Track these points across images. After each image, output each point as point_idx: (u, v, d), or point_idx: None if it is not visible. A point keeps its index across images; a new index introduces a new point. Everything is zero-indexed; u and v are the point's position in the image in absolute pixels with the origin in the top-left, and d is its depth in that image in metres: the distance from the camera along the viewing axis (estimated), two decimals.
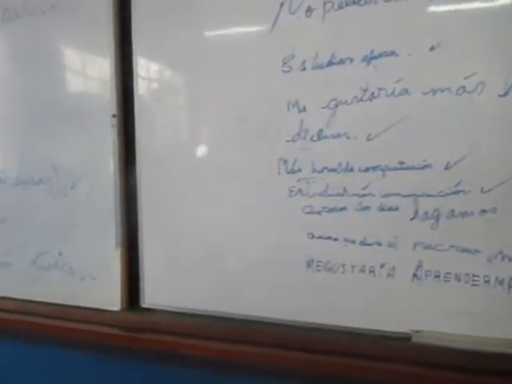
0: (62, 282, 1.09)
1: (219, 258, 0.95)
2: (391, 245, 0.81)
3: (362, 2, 0.80)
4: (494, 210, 0.75)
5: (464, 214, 0.76)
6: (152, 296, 1.02)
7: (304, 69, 0.84)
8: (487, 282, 0.76)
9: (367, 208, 0.82)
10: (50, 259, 1.10)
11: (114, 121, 1.01)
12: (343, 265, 0.85)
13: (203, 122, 0.96)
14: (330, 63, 0.82)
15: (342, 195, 0.84)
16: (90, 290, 1.06)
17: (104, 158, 1.03)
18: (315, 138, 0.85)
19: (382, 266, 0.82)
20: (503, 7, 0.73)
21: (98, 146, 1.04)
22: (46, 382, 1.14)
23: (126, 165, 1.03)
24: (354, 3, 0.80)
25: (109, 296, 1.04)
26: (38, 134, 1.11)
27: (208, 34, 0.93)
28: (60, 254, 1.09)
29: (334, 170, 0.84)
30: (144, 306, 1.03)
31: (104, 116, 1.02)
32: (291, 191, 0.87)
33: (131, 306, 1.04)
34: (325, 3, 0.82)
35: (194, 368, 0.96)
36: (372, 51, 0.79)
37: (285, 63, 0.86)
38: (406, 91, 0.78)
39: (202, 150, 0.96)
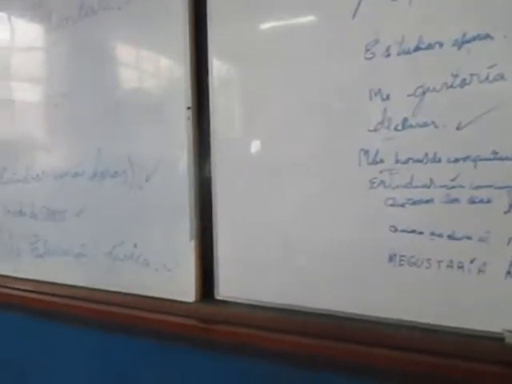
0: (137, 273, 1.12)
1: (295, 251, 0.93)
2: (482, 239, 0.77)
3: None
4: None
5: None
6: (226, 288, 1.02)
7: (388, 55, 0.81)
8: None
9: (456, 200, 0.78)
10: (126, 251, 1.13)
11: (189, 113, 1.01)
12: (428, 259, 0.81)
13: (279, 112, 0.94)
14: (418, 48, 0.78)
15: (429, 187, 0.80)
16: (165, 282, 1.08)
17: (178, 151, 1.04)
18: (399, 128, 0.81)
19: (472, 261, 0.78)
20: None
21: (172, 138, 1.04)
22: (119, 370, 1.17)
23: (199, 157, 1.04)
24: None
25: (183, 287, 1.05)
26: (113, 128, 1.13)
27: (286, 22, 0.91)
28: (135, 245, 1.11)
29: (419, 161, 0.80)
30: (218, 297, 1.03)
31: (178, 109, 1.02)
32: (372, 183, 0.84)
33: (205, 298, 1.04)
34: None
35: (267, 360, 0.96)
36: (464, 35, 0.75)
37: (368, 50, 0.83)
38: (501, 77, 0.73)
39: (276, 142, 0.95)
